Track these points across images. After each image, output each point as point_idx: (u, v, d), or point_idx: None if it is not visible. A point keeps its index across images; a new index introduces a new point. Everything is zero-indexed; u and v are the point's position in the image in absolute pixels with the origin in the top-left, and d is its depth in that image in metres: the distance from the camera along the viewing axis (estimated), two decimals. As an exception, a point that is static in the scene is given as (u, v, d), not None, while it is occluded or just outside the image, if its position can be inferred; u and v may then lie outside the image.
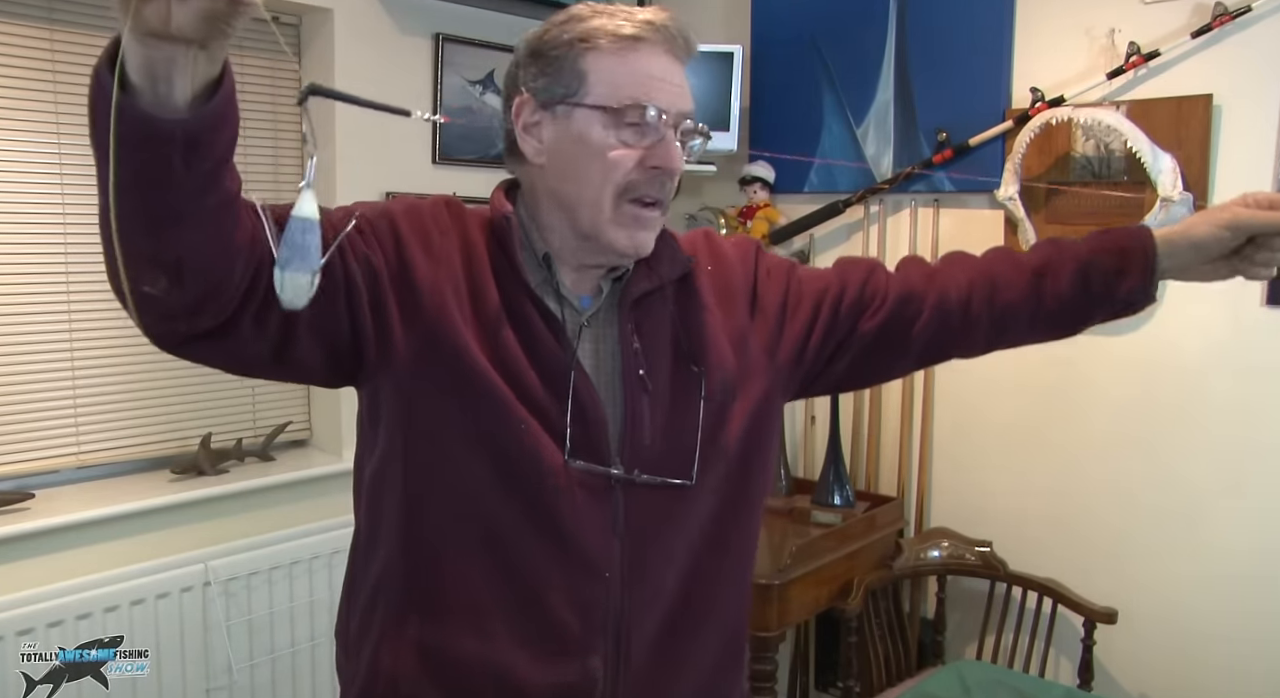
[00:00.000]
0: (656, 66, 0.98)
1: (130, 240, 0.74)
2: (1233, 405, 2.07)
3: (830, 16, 2.59)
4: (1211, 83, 2.03)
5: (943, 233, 2.47)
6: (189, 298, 0.78)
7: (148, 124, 0.69)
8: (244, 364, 0.91)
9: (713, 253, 1.12)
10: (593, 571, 0.98)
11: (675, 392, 1.02)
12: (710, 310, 1.07)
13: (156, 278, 0.76)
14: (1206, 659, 2.13)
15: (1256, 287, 2.02)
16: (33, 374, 2.04)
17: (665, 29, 0.98)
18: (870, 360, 1.12)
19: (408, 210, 0.99)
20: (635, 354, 1.01)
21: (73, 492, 2.09)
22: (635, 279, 1.04)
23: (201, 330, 0.82)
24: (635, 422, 1.00)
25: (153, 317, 0.80)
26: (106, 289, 0.79)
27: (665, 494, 1.00)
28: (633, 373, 1.01)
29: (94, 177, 0.74)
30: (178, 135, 0.69)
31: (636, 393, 1.01)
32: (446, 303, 0.95)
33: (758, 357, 1.07)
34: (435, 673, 0.98)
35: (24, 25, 1.98)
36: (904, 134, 2.49)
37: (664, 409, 1.01)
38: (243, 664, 2.16)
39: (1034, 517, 2.36)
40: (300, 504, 2.29)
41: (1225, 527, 2.09)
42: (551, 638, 0.98)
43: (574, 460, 0.96)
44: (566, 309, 1.01)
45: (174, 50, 0.67)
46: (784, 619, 2.10)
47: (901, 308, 1.10)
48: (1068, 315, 1.13)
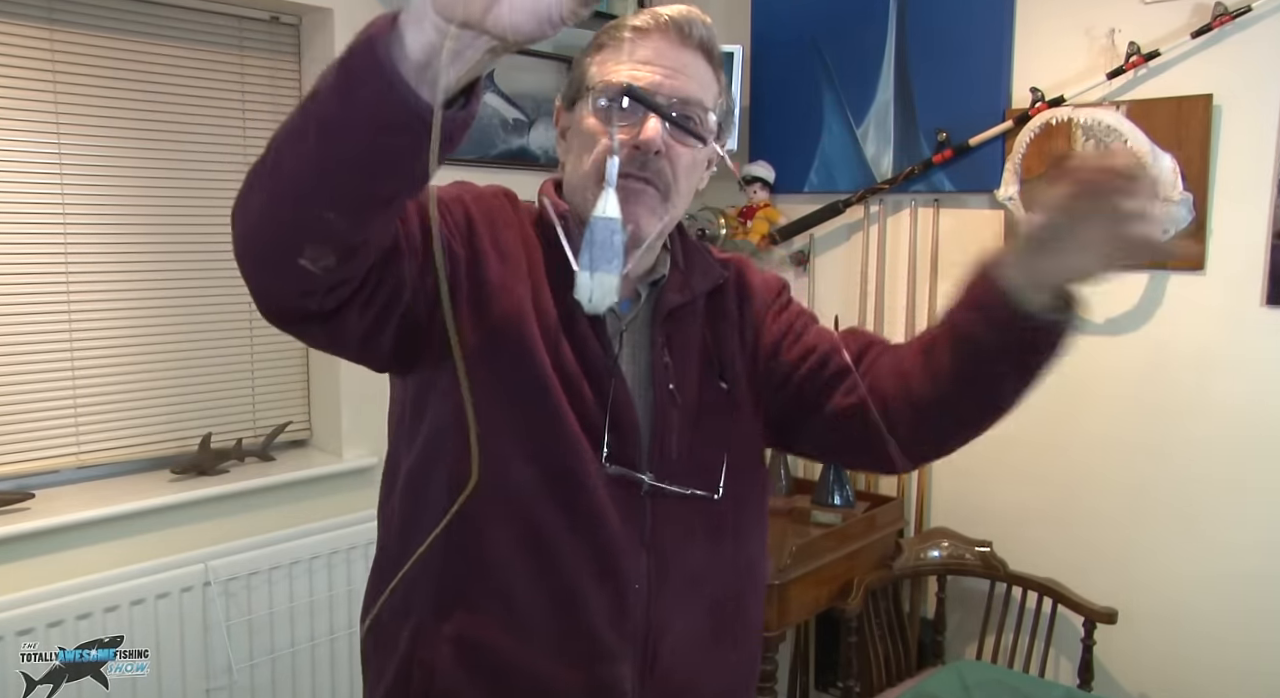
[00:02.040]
0: (648, 53, 0.97)
1: (321, 213, 0.72)
2: (1232, 405, 2.07)
3: (830, 16, 2.59)
4: (1211, 83, 2.03)
5: (943, 233, 2.47)
6: (342, 277, 0.78)
7: (422, 112, 0.66)
8: (337, 346, 0.91)
9: (752, 277, 1.13)
10: (624, 582, 0.98)
11: (703, 405, 1.03)
12: (734, 328, 1.08)
13: (325, 255, 0.75)
14: (1206, 659, 2.13)
15: (1256, 287, 2.02)
16: (33, 374, 2.04)
17: (672, 20, 0.98)
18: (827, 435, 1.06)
19: (477, 199, 1.00)
20: (666, 368, 1.02)
21: (73, 492, 2.09)
22: (669, 289, 1.04)
23: (323, 311, 0.82)
24: (664, 433, 1.01)
25: (293, 292, 0.79)
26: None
27: (691, 507, 1.01)
28: (663, 386, 1.01)
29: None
30: (445, 129, 0.67)
31: (666, 406, 1.01)
32: (514, 301, 0.96)
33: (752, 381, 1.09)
34: (471, 669, 0.98)
35: (24, 25, 1.97)
36: (904, 134, 2.49)
37: (691, 422, 1.02)
38: (243, 664, 2.16)
39: (1034, 517, 2.36)
40: (300, 504, 2.29)
41: (1225, 526, 2.09)
42: (583, 645, 0.98)
43: (609, 466, 0.97)
44: (609, 314, 1.00)
45: (475, 43, 0.65)
46: (784, 619, 2.10)
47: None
48: (974, 379, 0.95)
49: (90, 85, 2.07)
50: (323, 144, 0.70)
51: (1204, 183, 2.05)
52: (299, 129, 0.72)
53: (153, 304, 2.19)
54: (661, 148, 0.96)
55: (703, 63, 1.00)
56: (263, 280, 0.80)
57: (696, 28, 0.99)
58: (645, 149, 0.95)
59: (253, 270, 0.79)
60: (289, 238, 0.74)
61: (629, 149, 0.95)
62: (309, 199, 0.72)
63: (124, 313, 2.15)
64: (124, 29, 2.11)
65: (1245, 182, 2.02)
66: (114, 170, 2.09)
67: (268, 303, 0.82)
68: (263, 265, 0.78)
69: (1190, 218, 2.06)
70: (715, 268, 1.09)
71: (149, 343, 2.18)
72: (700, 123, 0.99)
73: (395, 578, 1.02)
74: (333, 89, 0.69)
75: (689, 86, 0.97)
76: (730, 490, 1.03)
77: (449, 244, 0.93)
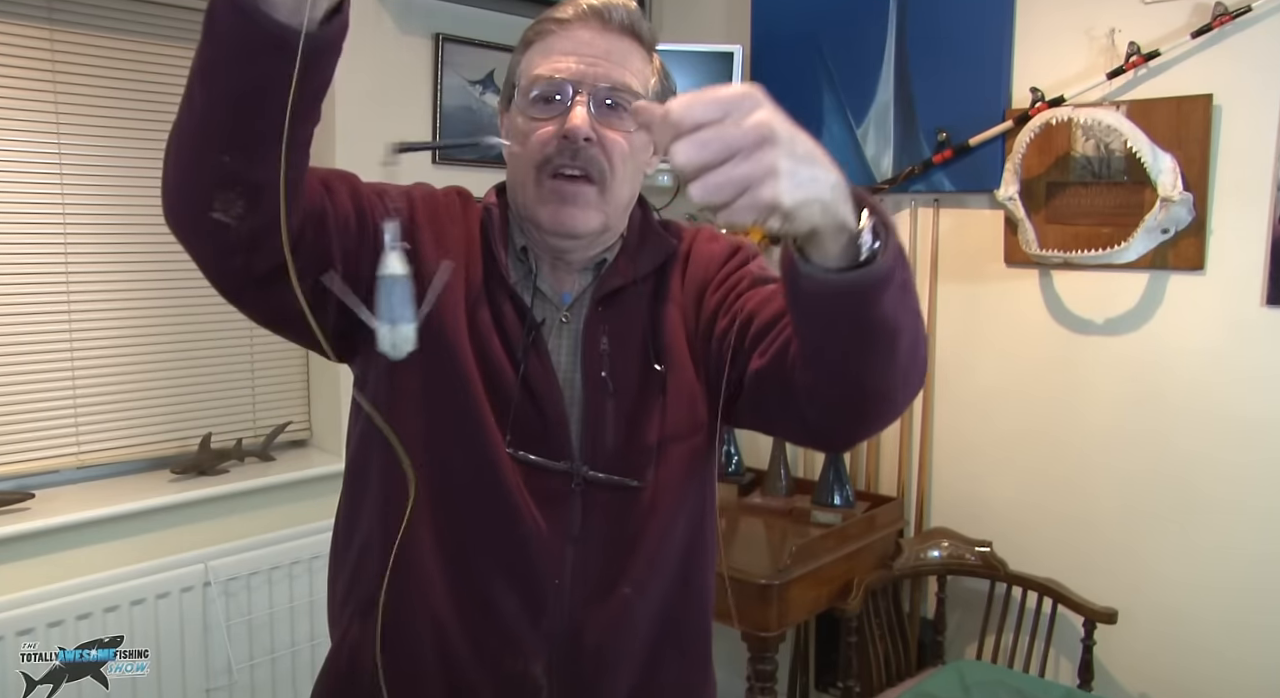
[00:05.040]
0: (570, 43, 0.97)
1: (218, 159, 0.75)
2: (1232, 405, 2.07)
3: (830, 16, 2.59)
4: (1211, 83, 2.03)
5: (943, 233, 2.47)
6: (256, 225, 0.78)
7: (281, 33, 0.69)
8: (282, 322, 0.91)
9: (700, 248, 1.08)
10: (541, 577, 0.97)
11: (639, 391, 1.00)
12: (675, 305, 1.04)
13: (232, 202, 0.77)
14: (1207, 659, 2.12)
15: (1257, 287, 2.01)
16: (33, 374, 2.04)
17: (591, 8, 0.98)
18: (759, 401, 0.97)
19: (425, 197, 1.02)
20: (602, 355, 0.99)
21: (73, 492, 2.09)
22: (610, 274, 1.03)
23: (257, 274, 0.82)
24: (596, 424, 0.99)
25: (214, 249, 0.81)
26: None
27: (622, 499, 0.99)
28: (595, 374, 0.99)
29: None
30: (305, 49, 0.70)
31: (598, 395, 0.99)
32: (445, 295, 0.95)
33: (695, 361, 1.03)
34: (393, 660, 0.99)
35: (24, 25, 1.98)
36: (904, 134, 2.49)
37: (626, 410, 1.00)
38: (243, 664, 2.16)
39: (1034, 517, 2.36)
40: (300, 504, 2.29)
41: (1225, 526, 2.09)
42: (495, 642, 0.98)
43: (518, 453, 0.96)
44: (544, 304, 1.01)
45: None
46: (784, 619, 2.09)
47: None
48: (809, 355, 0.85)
49: (90, 85, 2.07)
50: (203, 90, 0.74)
51: (1204, 183, 2.04)
52: (188, 88, 0.76)
53: (153, 304, 2.19)
54: (591, 135, 0.94)
55: (630, 45, 0.98)
56: (192, 245, 0.82)
57: (617, 12, 0.98)
58: (572, 137, 0.94)
59: (180, 236, 0.82)
60: (196, 193, 0.78)
61: (559, 140, 0.94)
62: (204, 147, 0.76)
63: (124, 313, 2.15)
64: (124, 29, 2.11)
65: (1245, 182, 2.02)
66: (114, 170, 2.09)
67: (206, 270, 0.84)
68: (184, 227, 0.81)
69: (1190, 218, 2.06)
70: (666, 243, 1.06)
71: (149, 343, 2.18)
72: (629, 107, 0.95)
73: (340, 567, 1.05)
74: (202, 36, 0.73)
75: (614, 72, 0.96)
76: (664, 478, 1.00)
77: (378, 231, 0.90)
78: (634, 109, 0.71)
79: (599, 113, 0.95)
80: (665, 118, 0.64)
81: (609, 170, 0.96)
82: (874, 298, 0.74)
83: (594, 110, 0.95)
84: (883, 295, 0.74)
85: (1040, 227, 2.24)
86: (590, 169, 0.95)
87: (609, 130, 0.96)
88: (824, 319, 0.78)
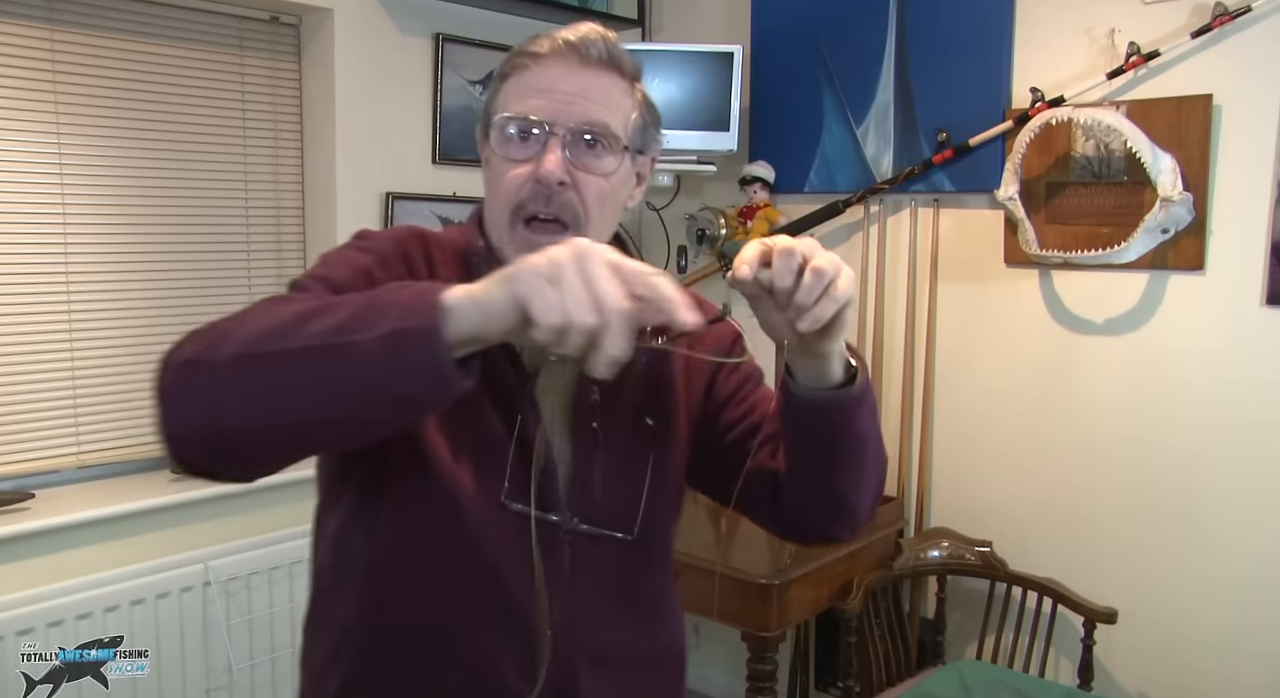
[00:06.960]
0: (546, 79, 0.93)
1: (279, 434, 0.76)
2: (1232, 405, 2.07)
3: (830, 16, 2.59)
4: (1211, 83, 2.03)
5: (943, 233, 2.47)
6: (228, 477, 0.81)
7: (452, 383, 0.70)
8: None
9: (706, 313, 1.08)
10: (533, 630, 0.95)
11: (630, 445, 0.99)
12: (678, 365, 1.03)
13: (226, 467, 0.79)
14: (1206, 659, 2.13)
15: (1257, 287, 2.02)
16: (33, 374, 2.04)
17: (568, 43, 0.93)
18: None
19: (383, 263, 0.94)
20: (592, 406, 0.97)
21: (73, 492, 2.09)
22: None
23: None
24: (584, 474, 0.96)
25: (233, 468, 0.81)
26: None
27: (609, 549, 0.98)
28: (585, 425, 0.97)
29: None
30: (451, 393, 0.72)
31: (587, 446, 0.97)
32: None
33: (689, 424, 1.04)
34: None
35: (24, 25, 1.98)
36: (904, 134, 2.49)
37: (616, 462, 0.98)
38: (243, 664, 2.16)
39: (1034, 517, 2.36)
40: (300, 504, 2.27)
41: (1225, 526, 2.09)
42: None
43: (511, 502, 0.93)
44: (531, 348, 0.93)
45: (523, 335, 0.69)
46: (784, 619, 2.09)
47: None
48: (795, 467, 0.98)
49: (90, 85, 2.07)
50: (329, 385, 0.72)
51: (1204, 183, 2.04)
52: (303, 348, 0.72)
53: (153, 304, 2.19)
54: (565, 178, 0.91)
55: (610, 80, 0.95)
56: (200, 457, 0.79)
57: (595, 47, 0.94)
58: (545, 182, 0.91)
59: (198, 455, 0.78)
60: (266, 442, 0.76)
61: (532, 183, 0.92)
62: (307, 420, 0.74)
63: (124, 313, 2.15)
64: (124, 29, 2.11)
65: (1245, 181, 2.02)
66: (114, 170, 2.09)
67: (186, 459, 0.79)
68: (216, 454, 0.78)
69: (1190, 218, 2.06)
70: None
71: (149, 343, 2.18)
72: (607, 146, 0.93)
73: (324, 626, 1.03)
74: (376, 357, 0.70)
75: (590, 110, 0.92)
76: (647, 531, 0.99)
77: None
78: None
79: (574, 154, 0.92)
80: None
81: (584, 215, 0.93)
82: (854, 411, 0.90)
83: (569, 152, 0.92)
84: (859, 411, 0.90)
85: (1040, 227, 2.24)
86: (564, 215, 0.93)
87: (584, 172, 0.93)
88: (809, 428, 0.92)
